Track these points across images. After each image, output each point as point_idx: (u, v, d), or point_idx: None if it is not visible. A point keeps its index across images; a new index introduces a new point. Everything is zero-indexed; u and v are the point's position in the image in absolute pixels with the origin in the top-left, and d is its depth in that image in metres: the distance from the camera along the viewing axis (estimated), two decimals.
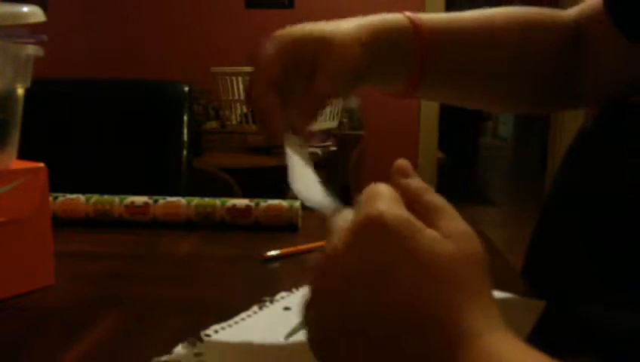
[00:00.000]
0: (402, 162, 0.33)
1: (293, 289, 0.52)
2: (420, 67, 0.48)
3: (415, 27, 0.48)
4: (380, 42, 0.46)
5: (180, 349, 0.41)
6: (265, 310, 0.48)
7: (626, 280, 0.42)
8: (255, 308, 0.48)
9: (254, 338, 0.43)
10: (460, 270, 0.27)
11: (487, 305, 0.27)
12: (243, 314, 0.47)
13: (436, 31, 0.49)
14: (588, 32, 0.51)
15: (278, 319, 0.46)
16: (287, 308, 0.48)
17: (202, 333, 0.43)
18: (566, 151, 0.53)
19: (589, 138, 0.50)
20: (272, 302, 0.50)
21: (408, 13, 0.49)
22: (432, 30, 0.48)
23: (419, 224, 0.28)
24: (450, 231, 0.28)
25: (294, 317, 0.46)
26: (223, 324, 0.45)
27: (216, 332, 0.44)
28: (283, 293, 0.52)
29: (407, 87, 0.50)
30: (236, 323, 0.46)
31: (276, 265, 0.63)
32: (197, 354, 0.40)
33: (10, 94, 0.53)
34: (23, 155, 0.55)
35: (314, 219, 0.81)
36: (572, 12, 0.53)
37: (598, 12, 0.49)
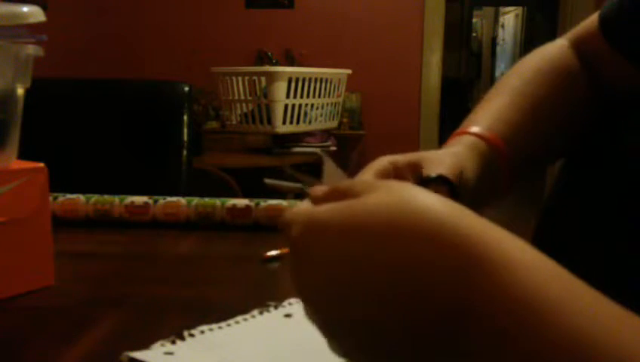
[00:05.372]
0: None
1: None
2: (508, 179, 0.47)
3: (494, 147, 0.46)
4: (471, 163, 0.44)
5: (156, 346, 0.41)
6: (265, 315, 0.47)
7: (628, 280, 0.42)
8: (255, 311, 0.47)
9: (238, 345, 0.42)
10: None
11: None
12: (239, 317, 0.46)
13: (507, 141, 0.47)
14: (587, 53, 0.52)
15: (273, 327, 0.45)
16: (287, 315, 0.47)
17: (187, 332, 0.43)
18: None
19: (590, 137, 0.50)
20: (276, 307, 0.48)
21: (478, 132, 0.46)
22: (504, 143, 0.46)
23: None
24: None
25: (293, 326, 0.45)
26: (212, 325, 0.44)
27: (202, 332, 0.43)
28: (292, 300, 0.50)
29: (498, 195, 0.48)
30: (228, 325, 0.45)
31: (276, 265, 0.63)
32: (167, 353, 0.40)
33: (10, 94, 0.53)
34: (23, 155, 0.55)
35: None
36: (566, 39, 0.54)
37: (595, 35, 0.50)
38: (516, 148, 0.47)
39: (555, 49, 0.54)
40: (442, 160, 0.41)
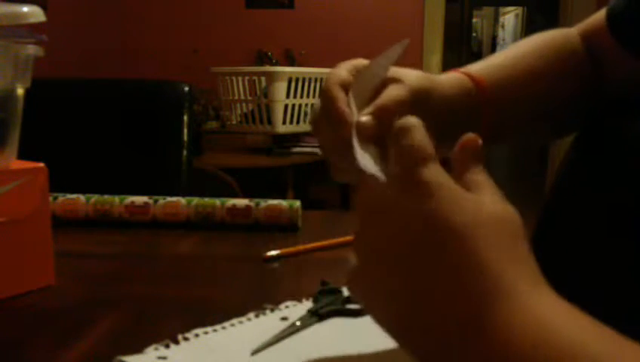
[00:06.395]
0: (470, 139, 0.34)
1: (302, 300, 0.50)
2: (486, 123, 0.49)
3: (477, 84, 0.48)
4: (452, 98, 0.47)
5: (150, 350, 0.41)
6: (261, 318, 0.47)
7: (629, 279, 0.42)
8: (251, 314, 0.47)
9: (232, 349, 0.41)
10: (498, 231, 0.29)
11: (528, 267, 0.29)
12: (234, 320, 0.46)
13: (493, 85, 0.49)
14: (593, 48, 0.53)
15: (268, 330, 0.44)
16: (284, 318, 0.46)
17: (181, 336, 0.43)
18: (567, 150, 0.54)
19: (590, 137, 0.50)
20: (272, 310, 0.48)
21: (465, 71, 0.49)
22: (489, 85, 0.49)
23: (458, 190, 0.30)
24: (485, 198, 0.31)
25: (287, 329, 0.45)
26: (208, 328, 0.44)
27: (197, 336, 0.43)
28: (288, 303, 0.50)
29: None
30: (224, 328, 0.45)
31: (276, 265, 0.63)
32: (160, 358, 0.40)
33: (10, 94, 0.53)
34: (23, 155, 0.55)
35: (314, 219, 0.81)
36: (575, 30, 0.55)
37: (601, 30, 0.50)
38: (501, 96, 0.49)
39: (563, 32, 0.54)
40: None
